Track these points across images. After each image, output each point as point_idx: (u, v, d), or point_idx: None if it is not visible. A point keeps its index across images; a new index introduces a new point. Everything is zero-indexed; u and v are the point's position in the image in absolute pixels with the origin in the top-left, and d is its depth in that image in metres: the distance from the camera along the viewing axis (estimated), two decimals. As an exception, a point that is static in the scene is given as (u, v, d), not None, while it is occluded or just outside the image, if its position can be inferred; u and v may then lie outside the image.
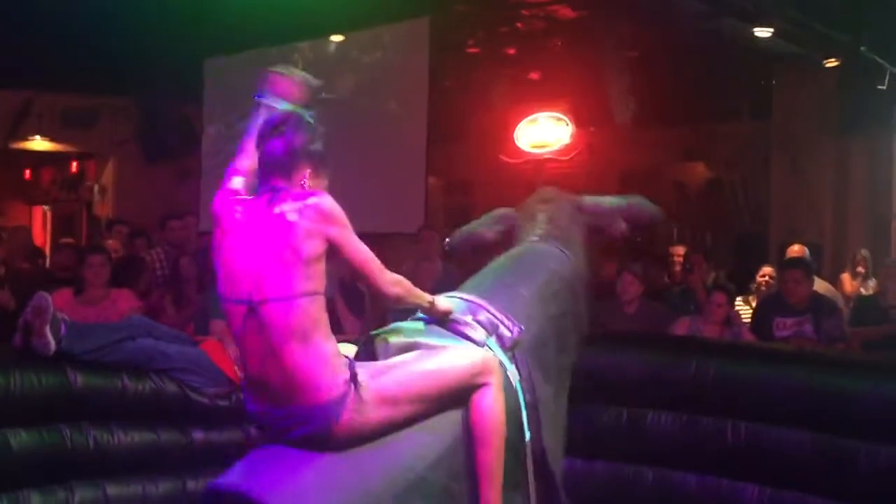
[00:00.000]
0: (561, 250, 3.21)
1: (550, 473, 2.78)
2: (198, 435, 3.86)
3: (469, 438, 2.53)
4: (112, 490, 3.65)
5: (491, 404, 2.54)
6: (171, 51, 9.23)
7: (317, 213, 2.36)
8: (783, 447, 3.67)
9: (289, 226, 2.34)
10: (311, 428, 2.34)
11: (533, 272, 3.09)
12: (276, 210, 2.37)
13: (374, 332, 2.75)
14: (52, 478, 3.53)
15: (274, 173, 2.44)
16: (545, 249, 3.23)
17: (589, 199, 3.54)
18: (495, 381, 2.57)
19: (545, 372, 2.87)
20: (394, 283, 2.52)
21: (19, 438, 3.43)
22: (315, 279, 2.35)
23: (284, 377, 2.33)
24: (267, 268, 2.34)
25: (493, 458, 2.50)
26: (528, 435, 2.73)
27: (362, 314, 5.11)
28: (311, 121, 2.55)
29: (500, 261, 3.26)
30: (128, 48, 9.04)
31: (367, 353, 2.64)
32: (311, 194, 2.41)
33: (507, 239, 3.45)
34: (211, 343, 4.17)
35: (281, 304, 2.31)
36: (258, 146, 2.50)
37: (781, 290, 5.08)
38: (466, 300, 2.86)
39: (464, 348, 2.67)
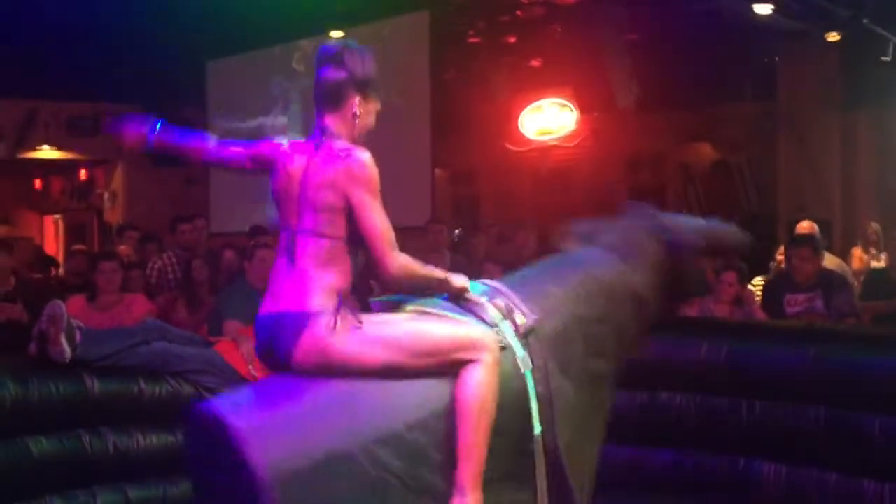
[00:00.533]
0: (610, 259, 3.10)
1: (563, 470, 2.69)
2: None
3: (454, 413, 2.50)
4: (133, 492, 3.70)
5: (476, 381, 2.49)
6: (173, 54, 9.26)
7: (346, 169, 2.50)
8: (798, 424, 3.68)
9: (320, 172, 2.52)
10: (286, 333, 2.49)
11: (568, 272, 3.01)
12: (318, 155, 2.54)
13: (376, 298, 2.77)
14: (73, 483, 3.58)
15: (325, 105, 2.61)
16: (591, 255, 3.13)
17: (671, 218, 3.36)
18: (487, 360, 2.52)
19: (565, 367, 2.76)
20: (399, 266, 2.53)
21: (40, 445, 3.48)
22: (336, 227, 2.51)
23: (290, 283, 2.53)
24: (302, 205, 2.56)
25: (471, 435, 2.45)
26: (537, 427, 2.65)
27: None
28: (362, 51, 2.66)
29: (542, 261, 3.21)
30: (129, 53, 9.08)
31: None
32: (351, 149, 2.53)
33: None
34: (224, 344, 4.20)
35: (308, 236, 2.54)
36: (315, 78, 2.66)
37: (789, 268, 5.08)
38: (486, 284, 2.84)
39: (463, 321, 2.63)
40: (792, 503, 3.67)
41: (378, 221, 2.50)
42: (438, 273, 2.67)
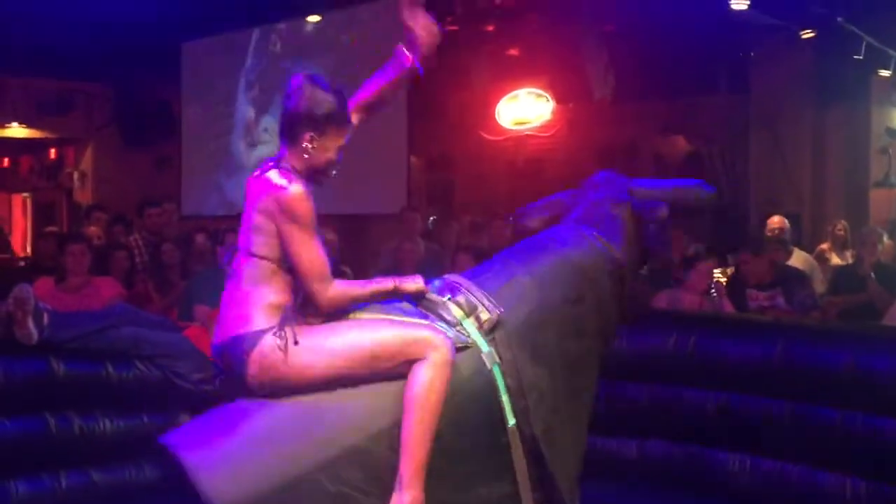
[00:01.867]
0: (584, 235, 3.00)
1: (542, 458, 2.68)
2: (183, 420, 3.88)
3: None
4: (98, 477, 3.67)
5: (422, 378, 2.48)
6: (147, 34, 9.14)
7: (275, 201, 2.52)
8: (762, 416, 3.73)
9: (259, 195, 2.57)
10: (230, 358, 2.55)
11: (537, 257, 2.93)
12: (263, 180, 2.56)
13: None
14: (38, 466, 3.55)
15: (282, 136, 2.63)
16: (562, 234, 3.04)
17: (640, 182, 3.22)
18: (435, 358, 2.49)
19: (537, 354, 2.73)
20: (331, 298, 2.54)
21: (4, 428, 3.44)
22: (269, 248, 2.55)
23: (234, 305, 2.58)
24: (245, 223, 2.62)
25: (414, 431, 2.45)
26: (511, 420, 2.63)
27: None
28: (319, 85, 2.60)
29: (511, 247, 3.12)
30: (103, 32, 8.95)
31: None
32: (287, 183, 2.51)
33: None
34: (195, 329, 4.17)
35: (246, 255, 2.60)
36: None
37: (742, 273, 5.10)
38: (448, 280, 2.81)
39: (408, 322, 2.60)
40: (756, 494, 3.72)
41: (305, 256, 2.50)
42: (386, 285, 2.65)
